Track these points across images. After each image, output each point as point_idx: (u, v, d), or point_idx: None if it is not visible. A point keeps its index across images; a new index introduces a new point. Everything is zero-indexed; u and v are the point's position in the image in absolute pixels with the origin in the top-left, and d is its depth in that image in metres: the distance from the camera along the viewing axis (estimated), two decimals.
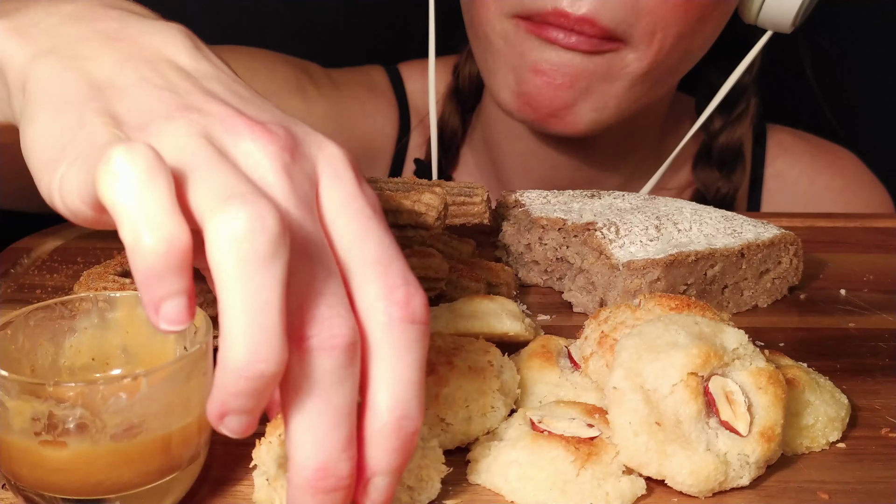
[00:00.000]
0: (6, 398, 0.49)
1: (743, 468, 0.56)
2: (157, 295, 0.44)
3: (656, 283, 0.76)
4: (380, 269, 0.47)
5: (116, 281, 0.66)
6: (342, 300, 0.45)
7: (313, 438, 0.45)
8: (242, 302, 0.42)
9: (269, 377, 0.43)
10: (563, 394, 0.63)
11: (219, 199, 0.43)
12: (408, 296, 0.46)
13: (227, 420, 0.46)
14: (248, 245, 0.42)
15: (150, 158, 0.43)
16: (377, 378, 0.46)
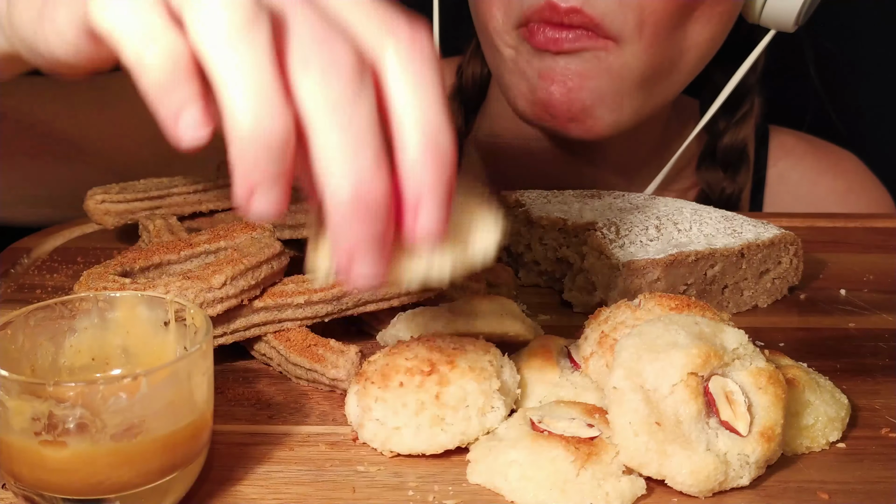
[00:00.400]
0: (6, 398, 0.49)
1: (743, 468, 0.56)
2: (173, 107, 0.45)
3: (656, 283, 0.76)
4: (380, 13, 0.47)
5: (116, 281, 0.66)
6: (341, 31, 0.45)
7: (342, 160, 0.44)
8: (233, 71, 0.43)
9: (279, 133, 0.43)
10: (563, 394, 0.63)
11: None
12: (412, 29, 0.46)
13: (256, 199, 0.45)
14: (226, 16, 0.43)
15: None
16: (400, 104, 0.46)
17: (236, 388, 0.67)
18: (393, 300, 0.70)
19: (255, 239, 0.71)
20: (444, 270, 0.52)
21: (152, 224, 0.81)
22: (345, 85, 0.44)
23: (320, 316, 0.70)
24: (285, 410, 0.65)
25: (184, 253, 0.71)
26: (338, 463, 0.59)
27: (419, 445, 0.59)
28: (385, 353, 0.63)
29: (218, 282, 0.65)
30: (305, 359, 0.66)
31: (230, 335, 0.68)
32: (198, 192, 0.86)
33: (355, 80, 0.44)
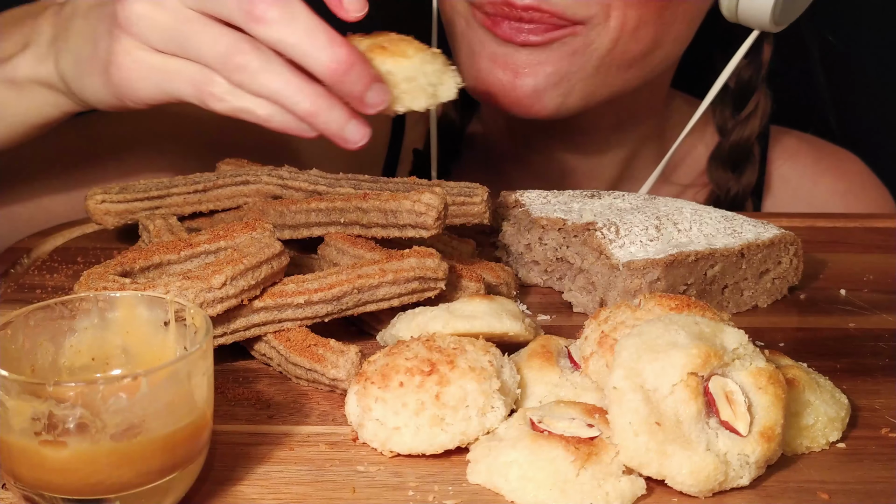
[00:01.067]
0: (6, 398, 0.49)
1: (743, 468, 0.56)
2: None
3: (656, 283, 0.76)
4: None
5: (116, 281, 0.66)
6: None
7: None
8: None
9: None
10: (563, 394, 0.63)
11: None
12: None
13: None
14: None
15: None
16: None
17: (236, 388, 0.67)
18: (393, 300, 0.70)
19: (255, 239, 0.71)
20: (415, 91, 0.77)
21: (152, 224, 0.81)
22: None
23: (320, 316, 0.70)
24: (285, 410, 0.65)
25: (184, 253, 0.71)
26: (338, 463, 0.59)
27: (419, 445, 0.59)
28: (385, 353, 0.63)
29: (218, 282, 0.65)
30: (305, 359, 0.66)
31: (230, 335, 0.68)
32: (198, 192, 0.86)
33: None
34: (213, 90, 0.76)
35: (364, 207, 0.76)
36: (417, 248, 0.72)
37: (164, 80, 0.77)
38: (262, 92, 0.74)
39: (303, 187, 0.83)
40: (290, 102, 0.74)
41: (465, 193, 0.81)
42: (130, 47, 0.77)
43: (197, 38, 0.75)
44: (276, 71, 0.73)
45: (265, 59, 0.74)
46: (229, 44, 0.73)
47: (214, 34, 0.74)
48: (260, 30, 0.73)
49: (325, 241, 0.78)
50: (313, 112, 0.74)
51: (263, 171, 0.85)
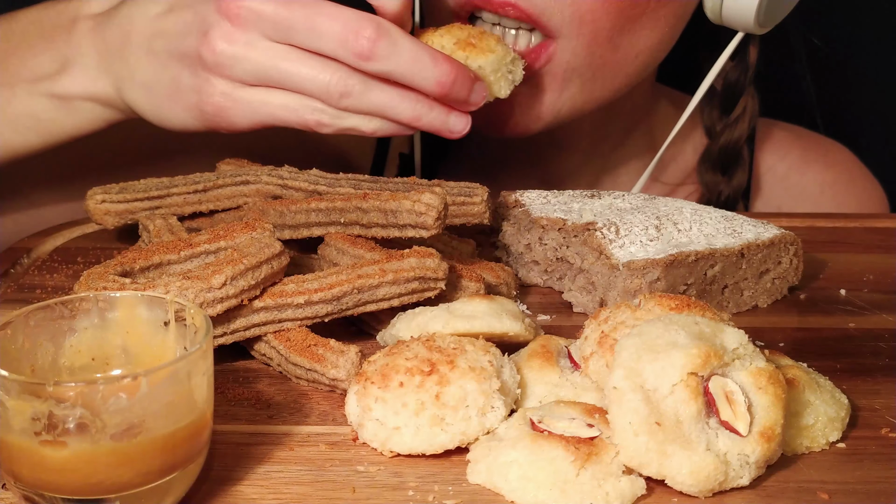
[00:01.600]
0: (6, 398, 0.49)
1: (743, 468, 0.56)
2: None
3: (656, 283, 0.76)
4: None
5: (116, 281, 0.66)
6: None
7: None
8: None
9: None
10: (563, 394, 0.63)
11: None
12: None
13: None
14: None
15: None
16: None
17: (236, 388, 0.67)
18: (393, 300, 0.70)
19: (255, 239, 0.71)
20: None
21: (152, 224, 0.81)
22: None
23: (320, 316, 0.70)
24: (285, 410, 0.65)
25: (184, 253, 0.71)
26: (338, 463, 0.59)
27: (419, 445, 0.59)
28: (385, 353, 0.63)
29: (218, 282, 0.65)
30: (305, 359, 0.66)
31: (230, 335, 0.68)
32: (198, 192, 0.86)
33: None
34: (319, 118, 0.81)
35: (364, 207, 0.76)
36: (417, 248, 0.72)
37: (264, 112, 0.82)
38: (366, 111, 0.80)
39: (303, 187, 0.83)
40: (394, 113, 0.81)
41: (465, 193, 0.81)
42: (223, 87, 0.81)
43: (295, 72, 0.79)
44: (377, 89, 0.79)
45: (367, 83, 0.79)
46: (331, 75, 0.79)
47: (313, 67, 0.79)
48: (367, 66, 0.78)
49: (325, 241, 0.78)
50: (416, 117, 0.81)
51: (263, 171, 0.85)
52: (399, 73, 0.78)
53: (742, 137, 1.13)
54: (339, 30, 0.77)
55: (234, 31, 0.79)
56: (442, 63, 0.79)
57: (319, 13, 0.78)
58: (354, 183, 0.82)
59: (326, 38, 0.78)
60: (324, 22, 0.78)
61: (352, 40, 0.77)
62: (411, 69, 0.78)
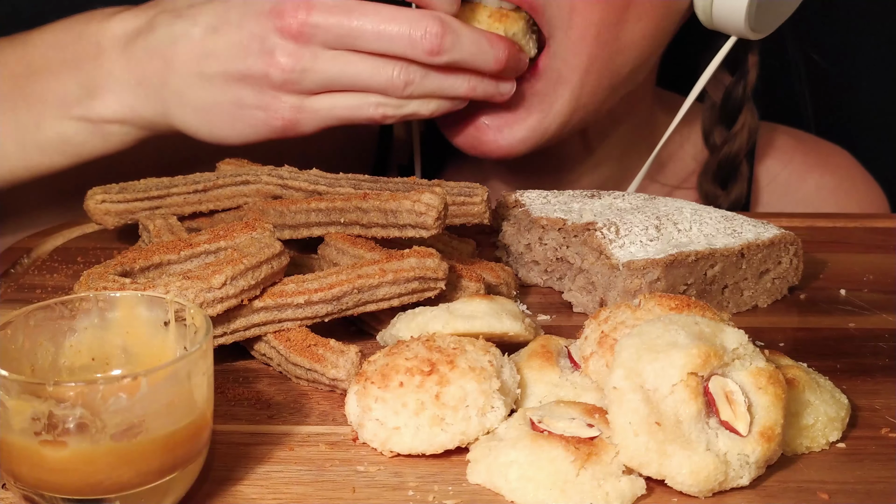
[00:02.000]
0: (6, 398, 0.49)
1: (743, 468, 0.56)
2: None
3: (656, 283, 0.76)
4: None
5: (116, 281, 0.66)
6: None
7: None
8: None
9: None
10: (563, 394, 0.63)
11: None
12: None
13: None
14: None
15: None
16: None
17: (236, 388, 0.67)
18: (393, 300, 0.70)
19: (255, 239, 0.71)
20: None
21: (152, 224, 0.81)
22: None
23: (320, 316, 0.70)
24: (285, 410, 0.65)
25: (184, 253, 0.71)
26: (338, 463, 0.59)
27: (419, 445, 0.59)
28: (385, 353, 0.63)
29: (218, 282, 0.65)
30: (305, 359, 0.66)
31: (230, 335, 0.68)
32: (198, 192, 0.86)
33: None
34: (384, 111, 0.86)
35: (364, 207, 0.76)
36: (417, 248, 0.72)
37: (332, 116, 0.87)
38: (426, 94, 0.86)
39: (303, 187, 0.83)
40: (451, 91, 0.87)
41: (465, 193, 0.81)
42: (292, 101, 0.85)
43: (360, 74, 0.84)
44: (433, 73, 0.85)
45: (424, 69, 0.84)
46: (392, 69, 0.84)
47: (375, 65, 0.84)
48: (436, 60, 0.83)
49: (325, 241, 0.78)
50: (472, 88, 0.88)
51: (263, 171, 0.85)
52: (464, 60, 0.85)
53: (742, 151, 1.13)
54: (406, 31, 0.82)
55: (297, 47, 0.83)
56: (497, 43, 0.87)
57: (383, 19, 0.82)
58: (354, 183, 0.82)
59: (396, 40, 0.82)
60: (390, 27, 0.82)
61: (419, 39, 0.82)
62: (474, 55, 0.85)
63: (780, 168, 1.19)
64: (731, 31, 0.98)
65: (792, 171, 1.19)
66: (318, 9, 0.83)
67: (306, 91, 0.85)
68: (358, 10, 0.83)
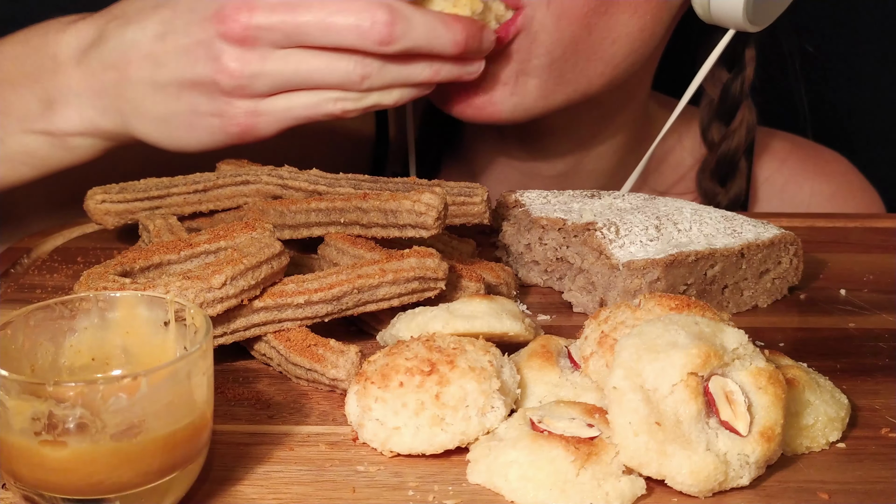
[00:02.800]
0: (6, 398, 0.49)
1: (743, 468, 0.56)
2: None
3: (656, 283, 0.76)
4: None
5: (116, 281, 0.66)
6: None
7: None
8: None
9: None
10: (563, 394, 0.63)
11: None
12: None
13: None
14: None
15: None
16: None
17: (236, 388, 0.67)
18: (393, 300, 0.70)
19: (255, 239, 0.71)
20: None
21: (152, 224, 0.81)
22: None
23: (320, 316, 0.70)
24: (285, 410, 0.65)
25: (184, 253, 0.71)
26: (338, 463, 0.59)
27: (419, 445, 0.59)
28: (385, 353, 0.63)
29: (218, 282, 0.65)
30: (305, 359, 0.66)
31: (230, 335, 0.68)
32: (198, 192, 0.86)
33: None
34: (343, 106, 0.83)
35: (364, 207, 0.76)
36: (417, 248, 0.72)
37: (289, 116, 0.83)
38: (386, 84, 0.82)
39: (303, 187, 0.83)
40: (413, 78, 0.83)
41: (465, 193, 0.81)
42: (246, 106, 0.82)
43: (315, 72, 0.81)
44: (391, 63, 0.81)
45: (381, 60, 0.81)
46: (346, 63, 0.80)
47: (329, 61, 0.80)
48: (389, 49, 0.79)
49: (325, 241, 0.78)
50: (433, 73, 0.84)
51: (263, 171, 0.85)
52: (419, 46, 0.81)
53: (740, 148, 1.13)
54: (353, 22, 0.78)
55: (244, 52, 0.80)
56: (453, 25, 0.82)
57: (328, 12, 0.79)
58: (354, 183, 0.82)
59: (344, 33, 0.79)
60: (337, 19, 0.79)
61: (369, 30, 0.78)
62: (429, 40, 0.81)
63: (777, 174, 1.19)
64: (730, 25, 0.97)
65: (788, 178, 1.19)
66: (261, 9, 0.79)
67: (260, 94, 0.82)
68: (302, 6, 0.79)
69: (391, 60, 0.81)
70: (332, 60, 0.81)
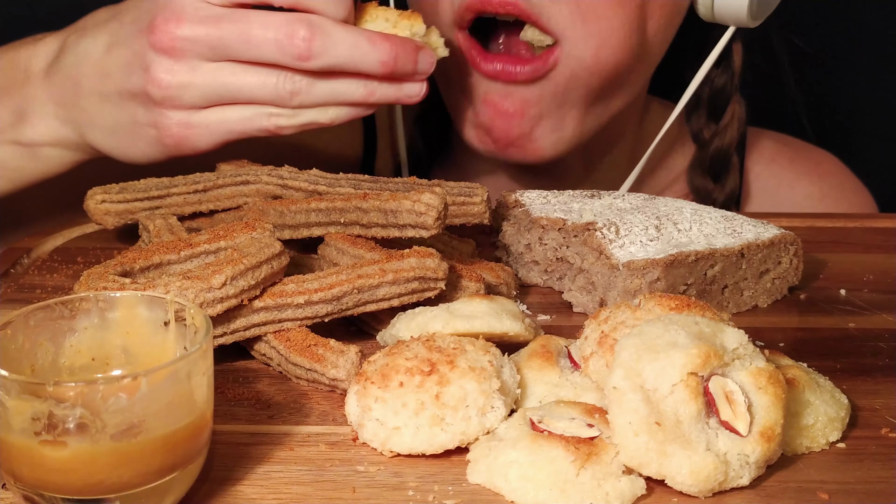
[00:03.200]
0: (6, 398, 0.49)
1: (743, 468, 0.56)
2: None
3: (656, 283, 0.76)
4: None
5: (116, 281, 0.66)
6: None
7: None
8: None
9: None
10: (563, 394, 0.63)
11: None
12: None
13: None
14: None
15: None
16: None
17: (236, 388, 0.67)
18: (393, 300, 0.70)
19: (255, 239, 0.71)
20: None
21: (152, 224, 0.81)
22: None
23: (320, 316, 0.70)
24: (285, 410, 0.65)
25: (184, 253, 0.71)
26: (338, 463, 0.59)
27: (419, 445, 0.59)
28: (385, 353, 0.63)
29: (218, 282, 0.65)
30: (305, 359, 0.66)
31: (230, 335, 0.68)
32: (198, 192, 0.86)
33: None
34: (276, 122, 0.82)
35: (364, 207, 0.76)
36: (417, 248, 0.72)
37: (223, 130, 0.83)
38: (318, 102, 0.81)
39: (303, 187, 0.83)
40: (346, 97, 0.82)
41: (465, 193, 0.81)
42: (178, 117, 0.82)
43: (242, 85, 0.80)
44: (324, 80, 0.80)
45: (310, 77, 0.80)
46: (276, 78, 0.80)
47: (258, 75, 0.80)
48: (309, 65, 0.78)
49: (325, 241, 0.78)
50: (370, 93, 0.82)
51: (263, 171, 0.85)
52: (341, 64, 0.79)
53: (732, 144, 1.13)
54: (272, 37, 0.78)
55: (173, 62, 0.80)
56: (380, 43, 0.80)
57: (250, 25, 0.79)
58: (354, 183, 0.82)
59: (263, 47, 0.78)
60: (257, 33, 0.78)
61: (287, 44, 0.78)
62: (352, 57, 0.79)
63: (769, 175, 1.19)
64: (732, 22, 0.97)
65: (781, 179, 1.19)
66: (188, 21, 0.79)
67: (191, 106, 0.82)
68: (227, 18, 0.79)
69: (320, 77, 0.80)
70: (261, 76, 0.80)
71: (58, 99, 0.88)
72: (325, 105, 0.82)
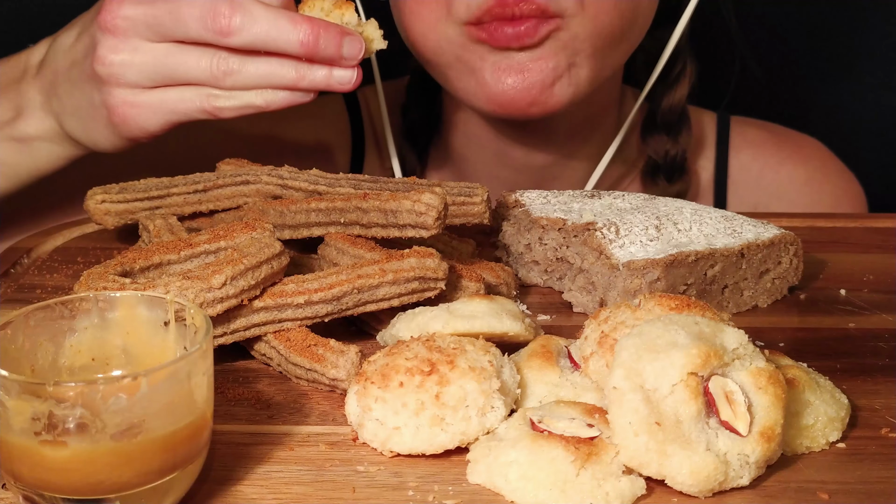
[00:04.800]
0: (6, 398, 0.49)
1: (743, 468, 0.56)
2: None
3: (656, 283, 0.76)
4: None
5: (116, 281, 0.66)
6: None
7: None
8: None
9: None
10: (563, 394, 0.63)
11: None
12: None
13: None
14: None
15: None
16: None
17: (236, 388, 0.67)
18: (393, 300, 0.70)
19: (255, 239, 0.71)
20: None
21: (152, 224, 0.81)
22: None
23: (320, 316, 0.70)
24: (285, 410, 0.65)
25: (184, 253, 0.72)
26: (338, 463, 0.59)
27: (419, 445, 0.59)
28: (385, 353, 0.63)
29: (218, 282, 0.65)
30: (305, 359, 0.66)
31: (230, 335, 0.68)
32: (198, 192, 0.86)
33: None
34: (215, 103, 0.85)
35: (364, 207, 0.76)
36: (417, 248, 0.72)
37: (167, 110, 0.86)
38: (251, 83, 0.83)
39: (303, 187, 0.83)
40: (277, 80, 0.84)
41: (465, 193, 0.81)
42: (123, 96, 0.85)
43: (180, 65, 0.84)
44: (254, 61, 0.83)
45: (241, 56, 0.83)
46: (209, 58, 0.83)
47: (193, 55, 0.83)
48: (230, 41, 0.82)
49: (325, 241, 0.78)
50: (300, 77, 0.83)
51: (263, 171, 0.85)
52: (261, 41, 0.82)
53: (683, 98, 1.15)
54: (198, 13, 0.81)
55: (116, 41, 0.84)
56: (301, 24, 0.82)
57: (180, 3, 0.82)
58: (354, 183, 0.82)
59: (190, 23, 0.82)
60: (184, 10, 0.82)
61: (210, 20, 0.81)
62: (271, 35, 0.81)
63: (752, 161, 1.20)
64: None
65: (765, 164, 1.20)
66: (129, 1, 0.83)
67: (135, 84, 0.85)
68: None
69: (251, 60, 0.83)
70: (195, 55, 0.83)
71: (43, 91, 0.92)
72: (257, 87, 0.84)
